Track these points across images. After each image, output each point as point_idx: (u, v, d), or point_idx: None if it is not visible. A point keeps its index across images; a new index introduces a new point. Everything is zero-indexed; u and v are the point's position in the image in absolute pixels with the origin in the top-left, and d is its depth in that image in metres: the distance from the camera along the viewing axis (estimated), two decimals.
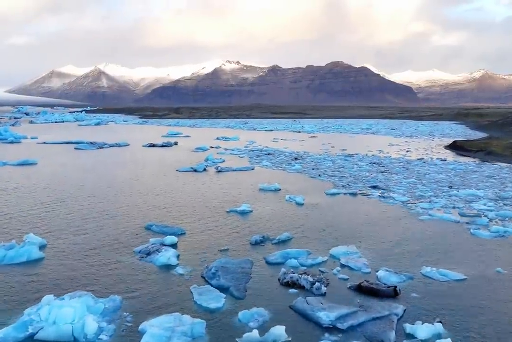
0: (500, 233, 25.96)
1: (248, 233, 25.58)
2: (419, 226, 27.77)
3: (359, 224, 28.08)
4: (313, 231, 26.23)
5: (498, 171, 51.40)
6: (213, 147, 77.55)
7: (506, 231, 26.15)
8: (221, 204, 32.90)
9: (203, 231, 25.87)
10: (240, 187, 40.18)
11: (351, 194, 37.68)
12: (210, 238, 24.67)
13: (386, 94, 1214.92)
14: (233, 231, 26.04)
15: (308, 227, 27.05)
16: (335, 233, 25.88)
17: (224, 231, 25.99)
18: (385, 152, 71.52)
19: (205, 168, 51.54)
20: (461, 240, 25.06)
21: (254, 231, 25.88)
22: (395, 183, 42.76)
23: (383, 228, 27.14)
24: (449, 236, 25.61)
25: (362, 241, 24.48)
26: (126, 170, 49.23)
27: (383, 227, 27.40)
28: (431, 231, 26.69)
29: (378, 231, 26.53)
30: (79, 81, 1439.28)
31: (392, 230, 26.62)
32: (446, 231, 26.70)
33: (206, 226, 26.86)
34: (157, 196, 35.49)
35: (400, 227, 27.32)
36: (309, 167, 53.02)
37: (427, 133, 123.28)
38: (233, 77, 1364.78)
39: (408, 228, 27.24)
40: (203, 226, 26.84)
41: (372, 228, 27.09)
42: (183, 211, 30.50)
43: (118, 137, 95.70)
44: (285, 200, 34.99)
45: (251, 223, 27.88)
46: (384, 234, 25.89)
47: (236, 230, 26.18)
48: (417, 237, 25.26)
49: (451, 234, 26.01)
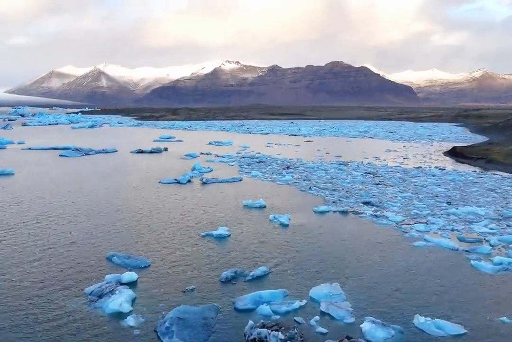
0: (504, 265, 23.11)
1: (220, 265, 22.73)
2: (414, 255, 24.90)
3: (347, 253, 25.22)
4: (294, 263, 23.37)
5: (499, 183, 48.54)
6: (203, 154, 74.72)
7: (510, 263, 23.30)
8: (197, 226, 30.05)
9: (170, 263, 23.01)
10: (222, 203, 37.32)
11: (342, 212, 34.82)
12: (176, 272, 21.83)
13: (386, 94, 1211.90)
14: (204, 263, 23.18)
15: (289, 257, 24.19)
16: (319, 266, 23.02)
17: (194, 263, 23.13)
18: (382, 159, 68.66)
19: (190, 179, 48.71)
20: (460, 275, 22.19)
21: (227, 263, 23.03)
22: (389, 198, 39.91)
23: (373, 259, 24.27)
24: (447, 270, 22.74)
25: (348, 276, 21.64)
26: (105, 182, 46.37)
27: (373, 257, 24.53)
28: (427, 262, 23.82)
29: (368, 263, 23.66)
30: (78, 82, 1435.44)
31: (384, 262, 23.74)
32: (443, 263, 23.83)
33: (174, 256, 24.00)
34: (129, 215, 32.63)
35: (392, 258, 24.44)
36: (300, 178, 50.18)
37: (426, 136, 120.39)
38: (233, 77, 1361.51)
39: (401, 258, 24.37)
40: (172, 256, 23.98)
41: (361, 259, 24.23)
42: (154, 236, 27.65)
43: (108, 142, 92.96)
44: (269, 220, 32.16)
45: (225, 251, 25.02)
46: (374, 267, 23.03)
47: (207, 262, 23.32)
48: (411, 272, 22.40)
49: (449, 267, 23.15)
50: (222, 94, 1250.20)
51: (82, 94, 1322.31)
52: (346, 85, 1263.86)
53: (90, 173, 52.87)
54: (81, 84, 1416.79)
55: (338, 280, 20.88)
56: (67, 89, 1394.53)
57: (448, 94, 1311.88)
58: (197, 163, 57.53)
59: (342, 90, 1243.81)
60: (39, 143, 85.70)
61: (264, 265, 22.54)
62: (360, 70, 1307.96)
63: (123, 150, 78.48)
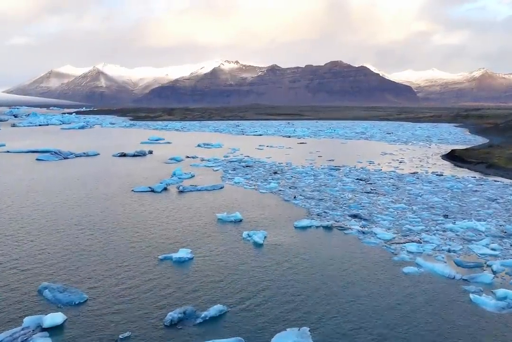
0: (508, 300, 19.37)
1: (169, 302, 18.98)
2: (403, 287, 21.13)
3: (323, 284, 21.44)
4: (260, 299, 19.62)
5: (501, 191, 44.78)
6: (189, 157, 70.99)
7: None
8: (158, 246, 26.31)
9: (110, 298, 19.26)
10: (193, 217, 33.56)
11: (325, 227, 31.07)
12: (114, 312, 18.09)
13: (386, 93, 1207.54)
14: (151, 298, 19.43)
15: (254, 291, 20.44)
16: (288, 303, 19.25)
17: (139, 298, 19.36)
18: (376, 163, 64.89)
19: (166, 187, 44.98)
20: (456, 314, 18.44)
21: (178, 299, 19.29)
22: (380, 209, 36.15)
23: (354, 292, 20.49)
24: (441, 309, 18.96)
25: (322, 317, 17.90)
26: (72, 191, 42.59)
27: (355, 290, 20.76)
28: (418, 297, 20.04)
29: (347, 299, 19.91)
30: (77, 81, 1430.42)
31: (366, 298, 19.96)
32: (437, 297, 20.05)
33: (118, 289, 20.24)
34: (81, 233, 28.83)
35: (377, 291, 20.65)
36: (286, 186, 46.44)
37: (424, 138, 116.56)
38: (232, 77, 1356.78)
39: (387, 292, 20.59)
40: (115, 289, 20.22)
41: (340, 293, 20.47)
42: (102, 260, 23.87)
43: (93, 144, 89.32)
44: (242, 238, 28.45)
45: (180, 282, 21.25)
46: (354, 305, 19.28)
47: (154, 297, 19.55)
48: (398, 312, 18.63)
49: (444, 304, 19.36)
50: (221, 94, 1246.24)
51: (81, 94, 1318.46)
52: (345, 85, 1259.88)
53: (59, 180, 49.07)
54: (80, 84, 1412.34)
55: (308, 323, 17.21)
56: (66, 89, 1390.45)
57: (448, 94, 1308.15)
58: (177, 169, 53.78)
59: (341, 90, 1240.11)
60: (19, 146, 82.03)
61: (222, 302, 18.82)
62: (360, 70, 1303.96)
63: (106, 153, 74.75)
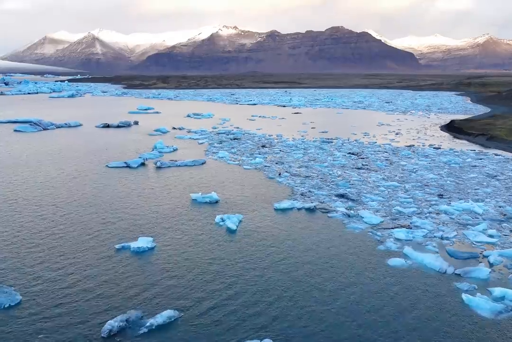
0: (506, 302, 16.83)
1: (114, 305, 16.38)
2: (386, 285, 18.52)
3: (295, 282, 18.81)
4: (221, 298, 17.04)
5: (502, 166, 41.89)
6: (175, 129, 67.72)
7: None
8: (117, 233, 23.62)
9: (46, 301, 16.64)
10: (166, 197, 30.79)
11: (308, 209, 28.35)
12: (47, 318, 15.51)
13: (387, 60, 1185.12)
14: (93, 299, 16.80)
15: (217, 289, 17.85)
16: (252, 307, 16.66)
17: (78, 301, 16.74)
18: (371, 135, 61.71)
19: (144, 162, 42.06)
20: (445, 321, 15.87)
21: (125, 301, 16.69)
22: (370, 188, 33.35)
23: (328, 292, 17.89)
24: (429, 313, 16.37)
25: (289, 326, 15.35)
26: (42, 166, 39.66)
27: (329, 289, 18.16)
28: (402, 298, 17.44)
29: (320, 300, 17.33)
30: (72, 48, 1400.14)
31: (342, 300, 17.35)
32: (424, 297, 17.45)
33: (58, 288, 17.60)
34: (36, 216, 26.06)
35: (355, 290, 18.04)
36: (273, 161, 43.52)
37: (424, 107, 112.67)
38: (230, 43, 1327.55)
39: (367, 290, 17.98)
40: (54, 288, 17.57)
41: (312, 294, 17.88)
42: (48, 251, 21.15)
43: (78, 114, 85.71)
44: (215, 222, 25.77)
45: (133, 279, 18.62)
46: (326, 309, 16.71)
47: (97, 298, 16.92)
48: (377, 318, 16.04)
49: (432, 307, 16.77)
50: (219, 61, 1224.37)
51: (77, 61, 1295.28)
52: (346, 52, 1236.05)
53: (31, 153, 46.03)
54: (75, 51, 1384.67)
55: (272, 334, 14.65)
56: (61, 56, 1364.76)
57: (451, 60, 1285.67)
58: (159, 142, 50.71)
59: (342, 57, 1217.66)
60: (1, 116, 78.57)
61: (176, 305, 16.26)
62: (361, 36, 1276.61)
63: (89, 124, 71.40)
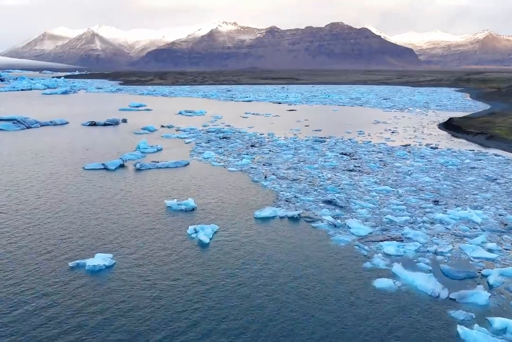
0: (508, 336, 14.55)
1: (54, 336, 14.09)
2: (369, 312, 16.20)
3: (271, 310, 16.50)
4: (182, 330, 14.72)
5: (502, 168, 39.53)
6: (164, 127, 65.42)
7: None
8: (74, 248, 21.30)
9: None
10: (138, 204, 28.45)
11: (291, 218, 26.05)
12: None
13: (387, 56, 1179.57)
14: (23, 336, 14.49)
15: (178, 317, 15.53)
16: (219, 334, 14.35)
17: (13, 333, 14.44)
18: (366, 134, 59.32)
19: (123, 164, 39.76)
20: None
21: (66, 331, 14.39)
22: (361, 193, 31.01)
23: (304, 320, 15.58)
24: None
25: None
26: (14, 168, 37.31)
27: (305, 315, 15.83)
28: (388, 330, 15.11)
29: (295, 330, 15.01)
30: (72, 44, 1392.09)
31: (319, 332, 15.04)
32: (413, 330, 15.12)
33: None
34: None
35: (333, 317, 15.71)
36: (260, 162, 41.19)
37: (422, 104, 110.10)
38: (230, 39, 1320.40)
39: (347, 317, 15.66)
40: None
41: (285, 321, 15.57)
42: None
43: (67, 111, 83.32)
44: (187, 234, 23.46)
45: (76, 309, 16.29)
46: (302, 338, 14.39)
47: (29, 335, 14.62)
48: None
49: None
50: (219, 57, 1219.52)
51: (76, 57, 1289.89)
52: (346, 48, 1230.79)
53: (6, 153, 43.66)
54: (75, 47, 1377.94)
55: None
56: (60, 52, 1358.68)
57: (451, 56, 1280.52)
58: (143, 142, 48.35)
59: (342, 53, 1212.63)
60: None
61: (127, 337, 13.93)
62: (361, 32, 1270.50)
63: (75, 122, 69.04)
